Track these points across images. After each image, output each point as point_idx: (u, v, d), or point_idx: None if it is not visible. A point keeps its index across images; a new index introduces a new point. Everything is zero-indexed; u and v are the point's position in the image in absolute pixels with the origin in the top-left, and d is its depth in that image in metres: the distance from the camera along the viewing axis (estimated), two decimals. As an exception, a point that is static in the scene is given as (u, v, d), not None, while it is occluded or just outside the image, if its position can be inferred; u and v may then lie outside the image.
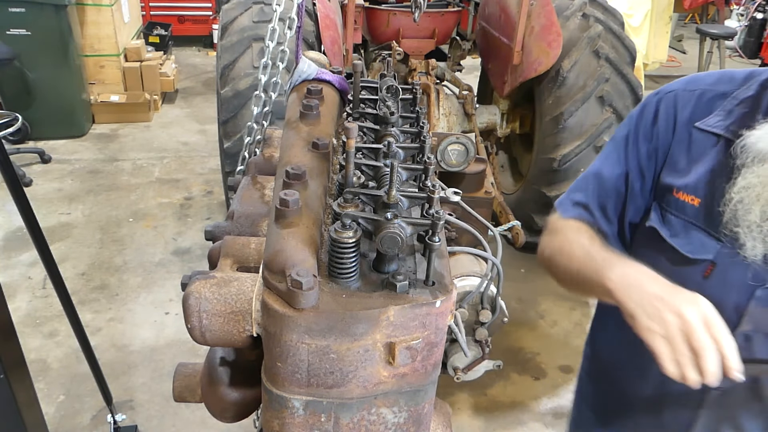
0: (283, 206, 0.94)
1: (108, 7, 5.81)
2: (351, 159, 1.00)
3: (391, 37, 4.42)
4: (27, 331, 3.37)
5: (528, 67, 3.72)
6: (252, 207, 1.30)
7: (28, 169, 5.09)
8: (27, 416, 1.94)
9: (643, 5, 6.12)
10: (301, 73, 1.39)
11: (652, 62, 6.54)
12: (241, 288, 0.96)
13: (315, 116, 1.26)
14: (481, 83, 4.90)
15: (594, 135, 3.63)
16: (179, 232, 4.39)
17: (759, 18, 9.23)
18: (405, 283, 0.88)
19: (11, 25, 5.10)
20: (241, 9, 3.53)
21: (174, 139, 5.89)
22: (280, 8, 1.58)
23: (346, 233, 0.88)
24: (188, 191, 4.95)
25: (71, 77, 5.49)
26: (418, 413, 0.96)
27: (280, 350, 0.87)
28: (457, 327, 1.21)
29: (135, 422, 2.86)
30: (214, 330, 0.95)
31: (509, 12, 3.87)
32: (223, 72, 3.39)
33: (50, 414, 2.88)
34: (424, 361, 0.91)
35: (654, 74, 8.09)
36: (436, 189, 0.96)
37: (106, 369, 2.80)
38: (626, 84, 3.68)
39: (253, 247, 1.14)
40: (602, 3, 3.89)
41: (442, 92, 4.11)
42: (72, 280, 3.79)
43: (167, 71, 6.49)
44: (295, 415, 0.91)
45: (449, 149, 1.39)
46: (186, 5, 8.27)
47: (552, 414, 3.11)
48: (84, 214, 4.54)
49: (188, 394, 1.24)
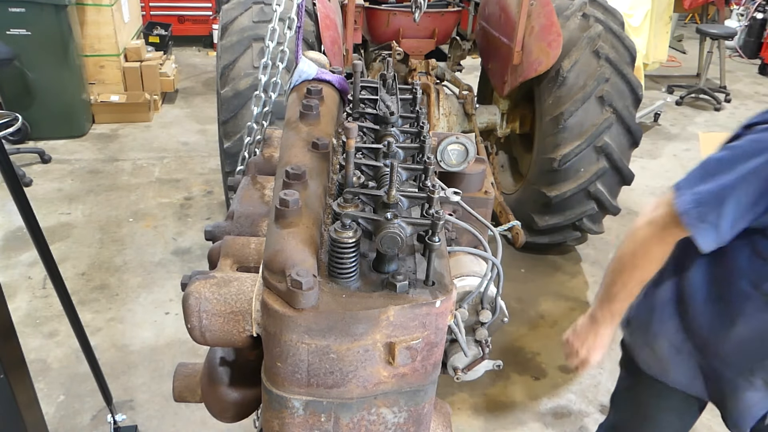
0: (283, 206, 0.94)
1: (108, 7, 5.81)
2: (351, 159, 1.00)
3: (391, 37, 4.42)
4: (27, 331, 3.37)
5: (528, 67, 3.72)
6: (252, 207, 1.30)
7: (28, 169, 5.09)
8: (27, 416, 1.94)
9: (643, 5, 6.12)
10: (301, 73, 1.39)
11: (652, 62, 6.53)
12: (241, 288, 0.96)
13: (315, 116, 1.26)
14: (481, 83, 4.90)
15: (594, 135, 3.63)
16: (179, 232, 4.39)
17: (759, 18, 9.23)
18: (405, 283, 0.88)
19: (11, 25, 5.09)
20: (241, 9, 3.53)
21: (174, 139, 5.89)
22: (280, 8, 1.58)
23: (346, 233, 0.88)
24: (188, 191, 4.95)
25: (71, 77, 5.49)
26: (418, 413, 0.96)
27: (280, 350, 0.87)
28: (457, 327, 1.21)
29: (135, 422, 2.86)
30: (214, 330, 0.95)
31: (509, 12, 3.86)
32: (223, 72, 3.39)
33: (50, 414, 2.88)
34: (424, 361, 0.91)
35: (654, 74, 8.10)
36: (436, 189, 0.96)
37: (106, 369, 2.80)
38: (626, 84, 3.68)
39: (253, 247, 1.14)
40: (602, 3, 3.89)
41: (442, 92, 4.11)
42: (72, 280, 3.79)
43: (167, 71, 6.49)
44: (295, 415, 0.91)
45: (449, 149, 1.38)
46: (186, 5, 8.27)
47: (552, 414, 3.11)
48: (84, 214, 4.54)
49: (188, 394, 1.24)
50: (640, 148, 4.14)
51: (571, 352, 1.83)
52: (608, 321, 1.73)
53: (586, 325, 1.78)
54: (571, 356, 1.83)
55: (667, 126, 6.93)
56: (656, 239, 1.55)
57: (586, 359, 1.79)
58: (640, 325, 1.82)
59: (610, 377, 3.33)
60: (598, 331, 1.74)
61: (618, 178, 3.82)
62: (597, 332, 1.75)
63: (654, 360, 1.81)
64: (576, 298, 3.96)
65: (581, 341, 1.78)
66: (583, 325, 1.79)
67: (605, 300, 1.71)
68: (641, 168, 5.62)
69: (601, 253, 4.47)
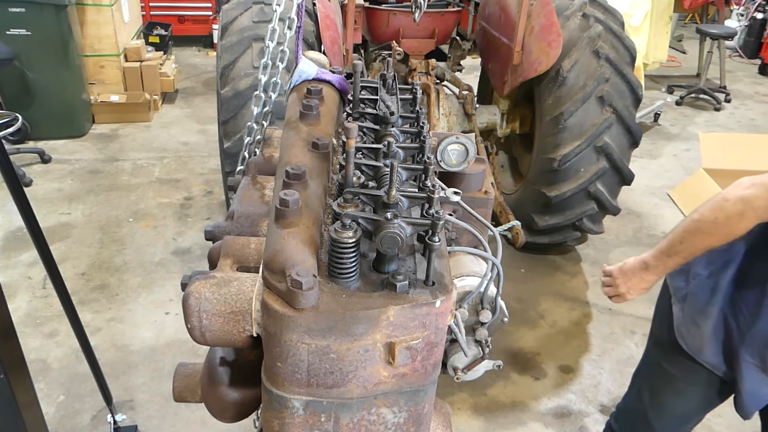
0: (283, 206, 0.94)
1: (108, 7, 5.81)
2: (351, 159, 1.00)
3: (391, 37, 4.42)
4: (27, 331, 3.37)
5: (528, 67, 3.72)
6: (252, 207, 1.30)
7: (28, 169, 5.09)
8: (27, 416, 1.94)
9: (643, 5, 6.12)
10: (302, 73, 1.39)
11: (652, 62, 6.54)
12: (241, 288, 0.96)
13: (315, 116, 1.26)
14: (481, 83, 4.90)
15: (594, 135, 3.63)
16: (179, 232, 4.39)
17: (759, 18, 9.23)
18: (405, 283, 0.88)
19: (11, 25, 5.09)
20: (241, 9, 3.52)
21: (174, 139, 5.89)
22: (280, 8, 1.58)
23: (346, 233, 0.88)
24: (188, 191, 4.95)
25: (71, 77, 5.49)
26: (418, 413, 0.96)
27: (280, 350, 0.87)
28: (457, 327, 1.20)
29: (135, 422, 2.86)
30: (214, 330, 0.95)
31: (509, 12, 3.86)
32: (223, 72, 3.39)
33: (50, 414, 2.88)
34: (424, 361, 0.91)
35: (654, 74, 8.10)
36: (436, 189, 0.96)
37: (106, 369, 2.80)
38: (626, 84, 3.68)
39: (253, 247, 1.14)
40: (602, 3, 3.89)
41: (442, 92, 4.11)
42: (72, 280, 3.79)
43: (167, 71, 6.49)
44: (295, 415, 0.91)
45: (449, 149, 1.38)
46: (186, 5, 8.27)
47: (552, 414, 3.11)
48: (84, 214, 4.54)
49: (188, 394, 1.24)
50: (640, 148, 4.14)
51: (611, 284, 1.92)
52: (659, 271, 1.81)
53: (635, 268, 1.85)
54: (609, 288, 1.94)
55: (667, 126, 6.93)
56: (743, 217, 1.58)
57: (624, 295, 1.89)
58: (697, 303, 1.87)
59: (610, 377, 3.33)
60: (645, 276, 1.83)
61: (618, 178, 3.82)
62: (643, 277, 1.84)
63: (695, 337, 1.87)
64: (576, 298, 3.96)
65: (625, 279, 1.87)
66: (632, 267, 1.86)
67: (664, 252, 1.77)
68: (641, 168, 5.62)
69: (601, 253, 4.47)
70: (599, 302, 3.90)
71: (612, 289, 1.92)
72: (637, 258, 1.87)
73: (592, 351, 3.51)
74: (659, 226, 4.87)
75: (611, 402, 3.17)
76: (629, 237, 4.71)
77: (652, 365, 2.10)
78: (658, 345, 2.06)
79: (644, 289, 1.87)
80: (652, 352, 2.11)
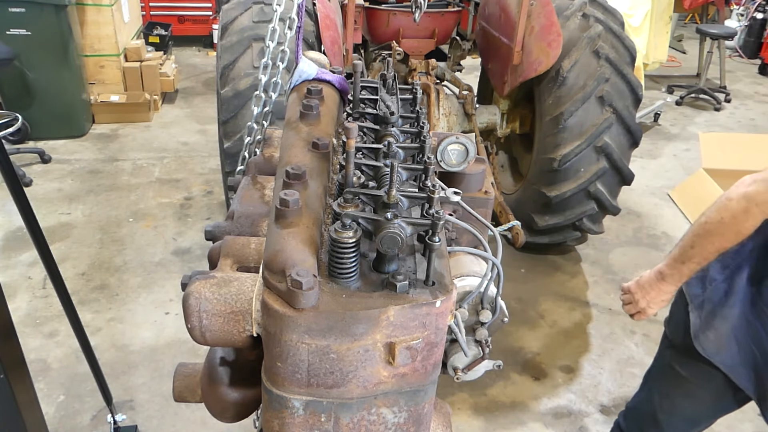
0: (283, 206, 0.94)
1: (108, 7, 5.81)
2: (351, 159, 1.00)
3: (391, 37, 4.42)
4: (27, 331, 3.37)
5: (528, 67, 3.72)
6: (252, 207, 1.30)
7: (28, 169, 5.09)
8: (27, 416, 1.94)
9: (643, 5, 6.12)
10: (302, 73, 1.39)
11: (652, 62, 6.54)
12: (241, 288, 0.96)
13: (315, 116, 1.26)
14: (481, 83, 4.90)
15: (594, 135, 3.63)
16: (179, 232, 4.39)
17: (759, 18, 9.23)
18: (405, 283, 0.88)
19: (11, 25, 5.09)
20: (241, 9, 3.52)
21: (174, 139, 5.89)
22: (280, 8, 1.58)
23: (346, 233, 0.88)
24: (188, 191, 4.95)
25: (71, 77, 5.49)
26: (418, 413, 0.96)
27: (280, 350, 0.87)
28: (457, 327, 1.20)
29: (135, 422, 2.86)
30: (214, 330, 0.95)
31: (509, 12, 3.86)
32: (223, 72, 3.39)
33: (50, 414, 2.88)
34: (424, 361, 0.91)
35: (654, 74, 8.10)
36: (436, 189, 0.96)
37: (106, 369, 2.80)
38: (626, 84, 3.68)
39: (253, 247, 1.14)
40: (602, 3, 3.89)
41: (442, 92, 4.11)
42: (72, 280, 3.79)
43: (167, 71, 6.49)
44: (295, 415, 0.91)
45: (449, 149, 1.38)
46: (186, 5, 8.27)
47: (552, 414, 3.11)
48: (84, 214, 4.54)
49: (188, 394, 1.24)
50: (640, 148, 4.14)
51: (630, 301, 1.91)
52: (675, 279, 1.79)
53: (651, 280, 1.84)
54: (630, 305, 1.92)
55: (667, 126, 6.93)
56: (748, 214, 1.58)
57: (645, 310, 1.87)
58: (715, 307, 1.86)
59: (610, 377, 3.33)
60: (662, 287, 1.82)
61: (618, 178, 3.82)
62: (661, 288, 1.82)
63: (712, 341, 1.86)
64: (576, 298, 3.96)
65: (643, 293, 1.86)
66: (648, 279, 1.85)
67: (678, 259, 1.75)
68: (641, 168, 5.62)
69: (601, 253, 4.47)
70: (599, 302, 3.90)
71: (632, 306, 1.90)
72: (652, 270, 1.85)
73: (592, 351, 3.51)
74: (659, 226, 4.87)
75: (611, 402, 3.17)
76: (629, 237, 4.71)
77: (665, 366, 2.09)
78: (671, 348, 2.05)
79: (664, 302, 1.85)
80: (665, 354, 2.10)
